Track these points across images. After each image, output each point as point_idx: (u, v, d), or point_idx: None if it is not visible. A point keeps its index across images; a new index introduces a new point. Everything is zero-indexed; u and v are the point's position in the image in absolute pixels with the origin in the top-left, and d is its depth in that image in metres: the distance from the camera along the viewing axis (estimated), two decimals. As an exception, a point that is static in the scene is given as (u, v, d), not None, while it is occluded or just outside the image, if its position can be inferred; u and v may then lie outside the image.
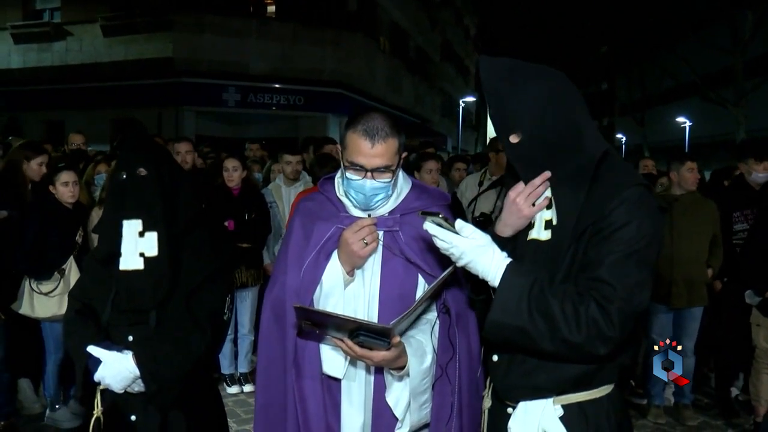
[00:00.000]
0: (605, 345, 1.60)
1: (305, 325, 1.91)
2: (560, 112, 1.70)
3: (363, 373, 2.06)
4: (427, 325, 2.06)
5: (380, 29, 23.07)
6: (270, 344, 2.18)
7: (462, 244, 1.68)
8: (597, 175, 1.69)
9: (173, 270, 2.32)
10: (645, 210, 1.65)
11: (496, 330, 1.68)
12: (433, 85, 30.50)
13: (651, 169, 7.57)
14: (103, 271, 2.37)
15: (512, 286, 1.64)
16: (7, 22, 18.85)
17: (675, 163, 5.04)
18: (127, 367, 2.25)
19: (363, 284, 2.06)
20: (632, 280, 1.60)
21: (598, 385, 1.75)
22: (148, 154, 2.43)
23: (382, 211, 2.08)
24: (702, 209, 4.99)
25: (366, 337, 1.81)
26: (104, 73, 17.53)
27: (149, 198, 2.33)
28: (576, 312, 1.59)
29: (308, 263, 2.06)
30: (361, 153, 1.96)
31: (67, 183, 4.37)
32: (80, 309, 2.43)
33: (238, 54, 17.32)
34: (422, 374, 1.98)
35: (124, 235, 2.30)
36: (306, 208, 2.22)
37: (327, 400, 2.07)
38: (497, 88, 1.74)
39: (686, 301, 4.95)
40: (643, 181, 1.71)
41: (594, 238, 1.65)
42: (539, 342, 1.62)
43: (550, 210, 1.75)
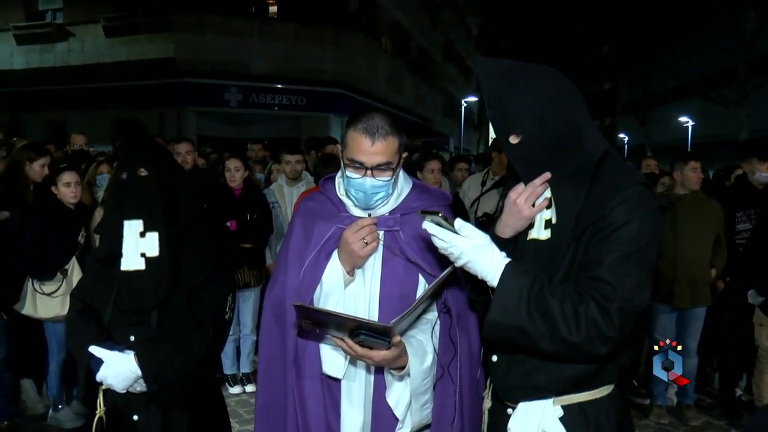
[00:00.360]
0: (605, 345, 1.60)
1: (305, 324, 1.91)
2: (560, 112, 1.70)
3: (363, 373, 2.06)
4: (428, 325, 2.05)
5: (382, 29, 23.07)
6: (270, 344, 2.18)
7: (461, 243, 1.68)
8: (597, 175, 1.69)
9: (174, 270, 2.32)
10: (645, 209, 1.64)
11: (496, 330, 1.68)
12: (435, 85, 30.49)
13: (653, 168, 7.56)
14: (104, 271, 2.38)
15: (511, 286, 1.64)
16: (10, 23, 18.88)
17: (678, 162, 5.02)
18: (129, 367, 2.25)
19: (363, 284, 2.06)
20: (632, 279, 1.60)
21: (599, 386, 1.74)
22: (149, 154, 2.43)
23: (382, 211, 2.08)
24: (705, 209, 4.98)
25: (366, 336, 1.81)
26: (106, 73, 17.54)
27: (150, 198, 2.34)
28: (575, 312, 1.59)
29: (308, 263, 2.06)
30: (361, 151, 1.96)
31: (69, 183, 4.37)
32: (82, 309, 2.44)
33: (239, 54, 17.33)
34: (423, 374, 1.97)
35: (125, 236, 2.31)
36: (307, 208, 2.22)
37: (327, 400, 2.06)
38: (496, 88, 1.74)
39: (689, 301, 4.94)
40: (644, 181, 1.71)
41: (594, 238, 1.65)
42: (539, 342, 1.62)
43: (550, 209, 1.75)
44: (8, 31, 18.86)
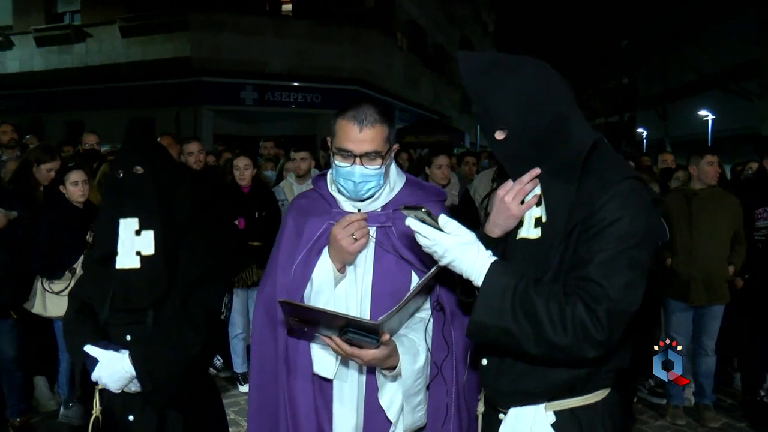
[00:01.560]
0: (594, 348, 1.52)
1: (293, 322, 1.86)
2: (544, 104, 1.63)
3: (355, 373, 2.01)
4: (420, 324, 2.00)
5: (398, 26, 22.97)
6: (263, 344, 2.14)
7: (445, 241, 1.62)
8: (586, 169, 1.61)
9: (170, 268, 2.30)
10: (637, 204, 1.56)
11: (480, 331, 1.61)
12: (452, 81, 30.30)
13: (670, 163, 7.44)
14: (100, 270, 2.37)
15: (496, 286, 1.57)
16: (31, 26, 19.11)
17: (695, 156, 4.92)
18: (123, 366, 2.24)
19: (355, 281, 2.01)
20: (622, 279, 1.52)
21: (592, 390, 1.67)
22: (145, 152, 2.42)
23: (374, 206, 2.03)
24: (722, 204, 4.86)
25: (354, 334, 1.75)
26: (123, 73, 17.67)
27: (146, 196, 2.33)
28: (562, 313, 1.52)
29: (299, 260, 2.02)
30: (349, 138, 1.93)
31: (76, 182, 4.37)
32: (80, 308, 2.43)
33: (255, 52, 17.36)
34: (415, 374, 1.92)
35: (120, 234, 2.29)
36: (299, 205, 2.18)
37: (318, 401, 2.02)
38: (478, 84, 1.68)
39: (706, 299, 4.84)
40: (635, 174, 1.63)
41: (584, 235, 1.57)
42: (524, 344, 1.55)
43: (540, 207, 1.68)
44: (29, 33, 19.10)
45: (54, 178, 4.61)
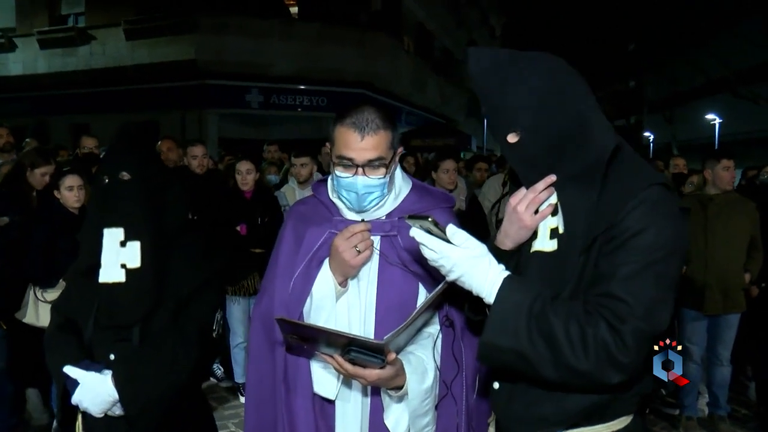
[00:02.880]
0: (619, 373, 1.38)
1: (292, 340, 1.73)
2: (561, 104, 1.47)
3: (358, 393, 1.87)
4: (429, 340, 1.86)
5: (405, 29, 22.86)
6: (260, 361, 2.01)
7: (453, 254, 1.47)
8: (608, 175, 1.46)
9: (158, 282, 2.14)
10: (665, 213, 1.41)
11: (491, 353, 1.46)
12: (459, 85, 30.17)
13: (682, 168, 7.29)
14: (85, 283, 2.20)
15: (509, 304, 1.42)
16: (35, 28, 19.06)
17: (710, 160, 4.76)
18: (106, 389, 2.07)
19: (358, 295, 1.87)
20: (650, 295, 1.37)
21: (614, 417, 1.51)
22: (133, 156, 2.24)
23: (378, 214, 1.90)
24: (739, 210, 4.71)
25: (358, 354, 1.61)
26: (128, 76, 17.60)
27: (132, 204, 2.16)
28: (583, 334, 1.37)
29: (299, 273, 1.89)
30: (350, 147, 1.78)
31: (71, 187, 4.21)
32: (62, 324, 2.27)
33: (261, 55, 17.26)
34: (423, 395, 1.78)
35: (104, 245, 2.13)
36: (298, 212, 2.04)
37: (320, 422, 1.89)
38: (488, 82, 1.52)
39: (721, 308, 4.69)
40: (662, 180, 1.46)
41: (606, 248, 1.42)
42: (540, 368, 1.40)
43: (556, 217, 1.53)
44: (32, 36, 19.05)
45: (48, 182, 4.46)
